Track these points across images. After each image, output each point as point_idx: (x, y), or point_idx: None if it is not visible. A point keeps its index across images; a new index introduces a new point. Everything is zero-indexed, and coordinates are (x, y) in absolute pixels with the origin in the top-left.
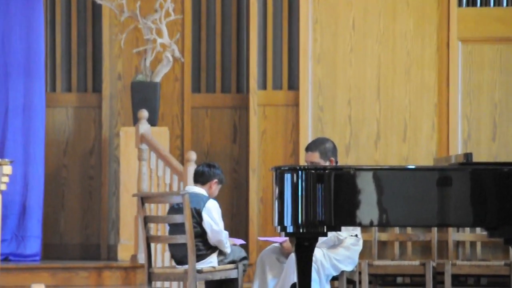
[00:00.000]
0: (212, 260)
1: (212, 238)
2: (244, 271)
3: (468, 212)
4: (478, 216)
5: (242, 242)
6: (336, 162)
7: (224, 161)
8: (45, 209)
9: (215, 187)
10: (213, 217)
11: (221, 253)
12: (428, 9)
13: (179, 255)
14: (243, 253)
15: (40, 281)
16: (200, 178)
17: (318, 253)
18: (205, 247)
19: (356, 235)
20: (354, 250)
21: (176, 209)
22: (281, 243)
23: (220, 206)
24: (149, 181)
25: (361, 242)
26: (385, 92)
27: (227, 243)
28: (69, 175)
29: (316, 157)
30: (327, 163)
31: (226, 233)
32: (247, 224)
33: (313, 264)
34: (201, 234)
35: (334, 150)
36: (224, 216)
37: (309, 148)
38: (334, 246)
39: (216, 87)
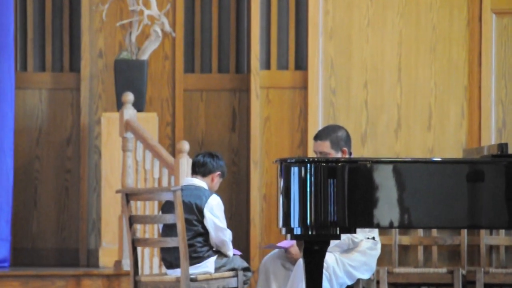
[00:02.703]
0: (208, 265)
1: (215, 238)
2: (246, 283)
3: (503, 211)
4: None
5: (239, 253)
6: (350, 154)
7: (222, 152)
8: (14, 207)
9: (217, 180)
10: (216, 214)
11: (221, 258)
12: None
13: (170, 257)
14: (245, 264)
15: None
16: (201, 169)
17: (330, 259)
18: (204, 249)
19: (374, 238)
20: (371, 255)
21: (172, 203)
22: (287, 248)
23: (223, 203)
24: (135, 175)
25: (379, 246)
26: (407, 73)
27: (231, 244)
28: (43, 168)
29: (326, 147)
30: (339, 154)
31: (230, 232)
32: (248, 225)
33: (325, 272)
34: (201, 233)
35: (348, 139)
36: None
37: (318, 137)
38: (348, 250)
39: (212, 66)
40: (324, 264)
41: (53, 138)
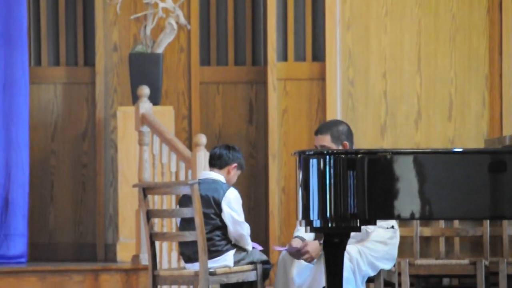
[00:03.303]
0: (227, 259)
1: (233, 232)
2: (265, 277)
3: None
4: None
5: (260, 247)
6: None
7: (239, 145)
8: (31, 203)
9: (234, 173)
10: (234, 208)
11: (239, 252)
12: None
13: (189, 251)
14: (264, 257)
15: (27, 286)
16: (217, 161)
17: (353, 251)
18: (223, 242)
19: (393, 226)
20: (392, 244)
21: (190, 197)
22: (300, 249)
23: (241, 196)
24: (151, 169)
25: (398, 233)
26: (426, 62)
27: (249, 238)
28: (59, 163)
29: (327, 141)
30: (340, 148)
31: (248, 226)
32: (267, 218)
33: (349, 263)
34: (219, 227)
35: (349, 133)
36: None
37: (319, 131)
38: (362, 240)
39: (229, 58)
40: (348, 256)
41: (69, 133)
